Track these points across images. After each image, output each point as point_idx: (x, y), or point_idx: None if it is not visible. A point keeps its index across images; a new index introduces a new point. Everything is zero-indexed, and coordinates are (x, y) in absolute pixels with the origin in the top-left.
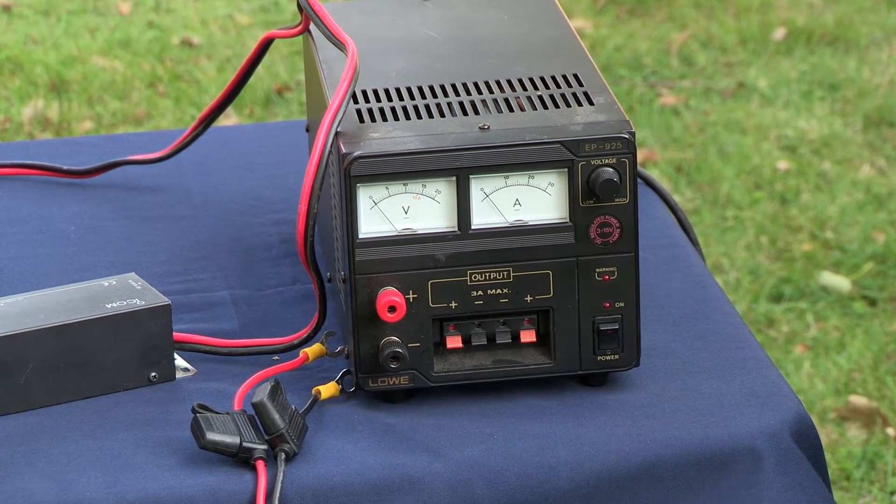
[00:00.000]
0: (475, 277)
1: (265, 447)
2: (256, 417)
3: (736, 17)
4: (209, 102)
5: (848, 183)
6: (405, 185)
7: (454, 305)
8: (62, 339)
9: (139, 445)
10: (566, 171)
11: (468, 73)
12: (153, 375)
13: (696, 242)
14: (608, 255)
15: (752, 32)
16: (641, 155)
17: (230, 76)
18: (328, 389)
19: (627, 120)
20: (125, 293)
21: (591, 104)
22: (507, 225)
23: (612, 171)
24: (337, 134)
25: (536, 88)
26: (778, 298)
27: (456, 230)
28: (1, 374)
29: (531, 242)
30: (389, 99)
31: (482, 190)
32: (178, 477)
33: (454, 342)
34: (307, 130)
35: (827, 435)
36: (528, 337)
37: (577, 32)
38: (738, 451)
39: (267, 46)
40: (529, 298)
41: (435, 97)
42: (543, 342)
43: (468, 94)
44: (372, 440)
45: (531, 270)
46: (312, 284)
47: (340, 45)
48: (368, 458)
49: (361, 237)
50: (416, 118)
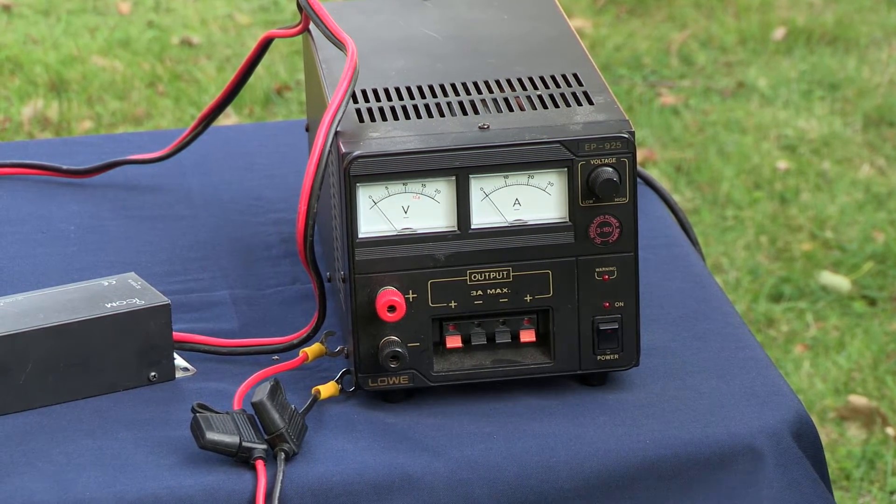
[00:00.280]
0: (475, 277)
1: (265, 447)
2: (256, 417)
3: (736, 16)
4: (209, 102)
5: (848, 182)
6: (405, 184)
7: (454, 305)
8: (62, 338)
9: (139, 445)
10: (566, 170)
11: (468, 72)
12: (153, 375)
13: (695, 242)
14: (608, 254)
15: (751, 32)
16: (641, 154)
17: (230, 76)
18: (328, 389)
19: (627, 119)
20: (125, 293)
21: (590, 104)
22: (506, 225)
23: (611, 170)
24: (337, 133)
25: (536, 88)
26: (778, 298)
27: (455, 230)
28: (1, 373)
29: (531, 242)
30: (389, 98)
31: (482, 189)
32: (177, 476)
33: (454, 342)
34: (307, 130)
35: (827, 434)
36: (527, 337)
37: (576, 32)
38: (737, 450)
39: (267, 46)
40: (529, 298)
41: (434, 97)
42: (543, 342)
43: (468, 93)
44: (371, 440)
45: (531, 270)
46: (312, 284)
47: (340, 44)
48: (368, 457)
49: (361, 237)
50: (415, 118)
